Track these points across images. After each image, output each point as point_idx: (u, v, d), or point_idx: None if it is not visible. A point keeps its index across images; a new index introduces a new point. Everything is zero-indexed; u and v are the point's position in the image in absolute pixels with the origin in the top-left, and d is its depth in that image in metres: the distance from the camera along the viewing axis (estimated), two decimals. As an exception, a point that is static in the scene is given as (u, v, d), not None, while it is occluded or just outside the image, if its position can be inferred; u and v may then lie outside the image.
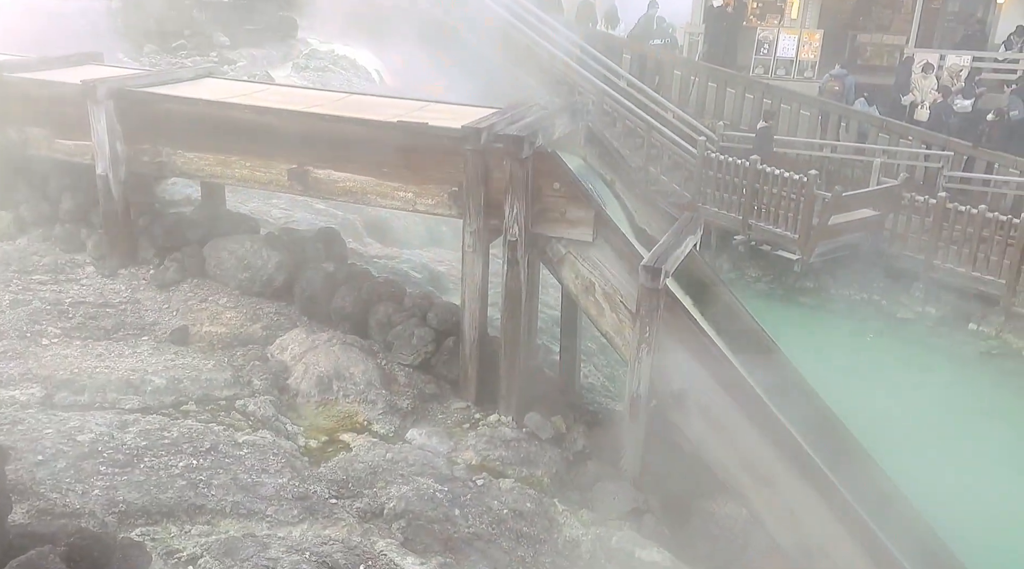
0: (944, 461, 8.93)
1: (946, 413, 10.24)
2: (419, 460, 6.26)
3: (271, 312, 7.76)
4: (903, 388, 10.63)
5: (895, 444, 8.57)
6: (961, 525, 7.65)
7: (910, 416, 9.84)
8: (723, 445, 6.62)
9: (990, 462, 8.98)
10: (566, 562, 5.86)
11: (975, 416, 10.39)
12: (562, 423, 7.32)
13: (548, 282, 10.05)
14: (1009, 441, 9.67)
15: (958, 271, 13.04)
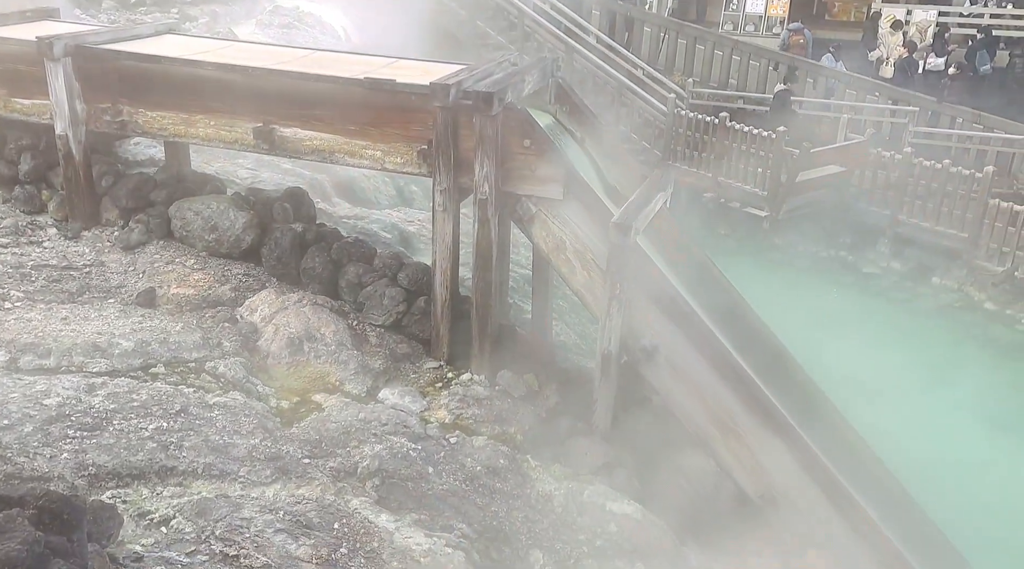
0: (907, 411, 9.14)
1: (909, 365, 10.45)
2: (392, 419, 6.28)
3: (239, 273, 7.67)
4: (867, 342, 10.83)
5: (860, 396, 8.75)
6: (923, 473, 7.86)
7: (874, 369, 10.03)
8: (692, 399, 6.72)
9: (951, 412, 9.21)
10: (539, 516, 5.94)
11: (937, 368, 10.63)
12: (535, 381, 7.37)
13: (519, 241, 10.06)
14: (969, 392, 9.91)
15: (922, 226, 13.24)
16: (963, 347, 11.22)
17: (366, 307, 7.51)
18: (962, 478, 8.26)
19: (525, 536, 5.74)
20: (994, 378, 10.34)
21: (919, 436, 8.35)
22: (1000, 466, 8.45)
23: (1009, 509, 8.02)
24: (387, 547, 4.95)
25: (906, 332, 11.58)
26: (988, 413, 9.11)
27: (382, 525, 5.14)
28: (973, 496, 8.15)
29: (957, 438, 8.43)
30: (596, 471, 6.71)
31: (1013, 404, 9.51)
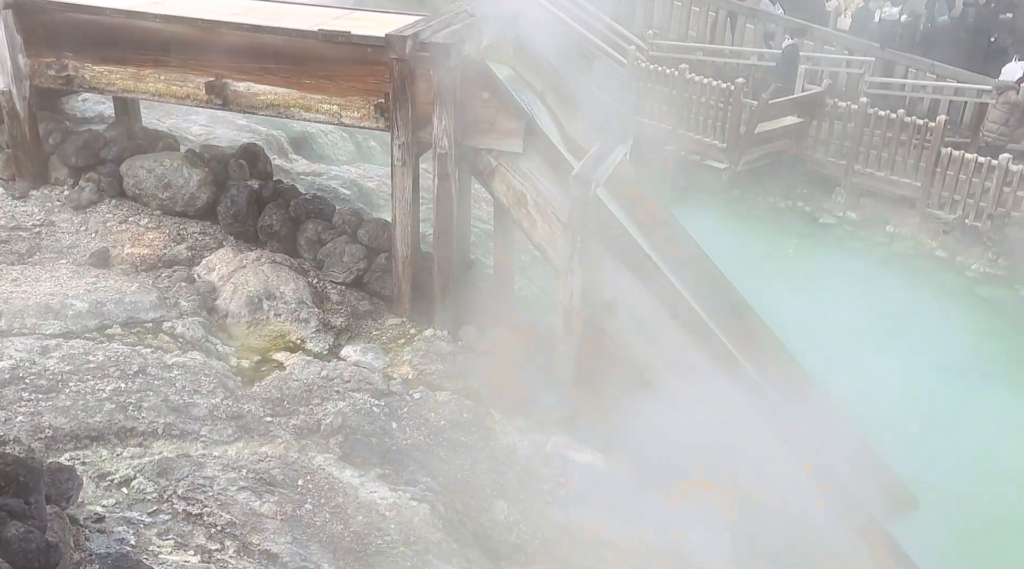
0: (861, 357, 9.37)
1: (863, 313, 10.68)
2: (355, 376, 6.27)
3: (196, 232, 7.54)
4: (824, 291, 11.03)
5: (816, 343, 8.92)
6: (876, 415, 8.09)
7: (830, 317, 10.24)
8: (653, 350, 6.80)
9: (904, 357, 9.45)
10: (503, 468, 6.01)
11: (890, 315, 10.87)
12: (497, 335, 7.39)
13: (481, 196, 10.01)
14: (921, 337, 10.18)
15: (877, 175, 13.42)
16: (915, 294, 11.47)
17: (326, 264, 7.44)
18: (915, 420, 8.52)
19: (490, 488, 5.80)
20: (944, 323, 10.62)
21: (873, 381, 8.57)
22: (950, 407, 8.72)
23: (956, 448, 8.30)
24: (352, 502, 4.98)
25: (861, 280, 11.79)
26: (939, 357, 9.38)
27: (347, 481, 5.16)
28: (927, 438, 8.41)
29: (909, 382, 8.67)
30: (559, 422, 6.79)
31: (962, 347, 9.81)
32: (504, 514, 5.66)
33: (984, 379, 9.28)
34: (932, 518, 7.28)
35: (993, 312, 11.34)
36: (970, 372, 9.27)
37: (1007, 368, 9.41)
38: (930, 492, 7.49)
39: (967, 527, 7.59)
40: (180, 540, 4.17)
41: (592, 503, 6.05)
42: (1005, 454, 8.44)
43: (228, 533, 4.36)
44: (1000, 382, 9.31)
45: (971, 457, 8.33)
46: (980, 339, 10.06)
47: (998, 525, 7.86)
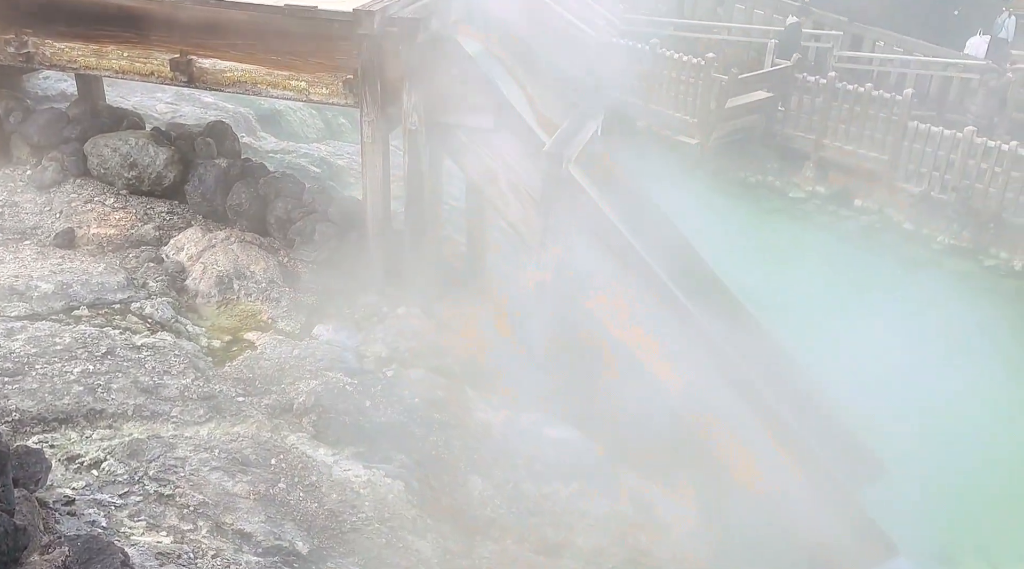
0: (830, 329, 9.50)
1: (833, 285, 10.82)
2: (327, 355, 6.25)
3: (163, 211, 7.44)
4: (793, 265, 11.15)
5: (787, 316, 9.03)
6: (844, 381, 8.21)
7: (800, 290, 10.36)
8: (625, 325, 6.84)
9: (872, 328, 9.60)
10: (478, 444, 6.04)
11: (858, 287, 11.01)
12: (471, 313, 7.40)
13: (453, 173, 9.96)
14: (888, 308, 10.33)
15: (846, 149, 13.55)
16: (883, 266, 11.63)
17: (297, 243, 7.38)
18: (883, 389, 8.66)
19: (464, 464, 5.83)
20: (910, 294, 10.77)
21: (840, 351, 8.70)
22: (916, 376, 8.88)
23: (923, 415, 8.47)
24: (326, 480, 4.98)
25: (830, 254, 11.94)
26: (905, 327, 9.54)
27: (320, 459, 5.16)
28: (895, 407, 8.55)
29: (876, 352, 8.81)
30: (534, 399, 6.82)
31: (928, 318, 9.97)
32: (479, 489, 5.70)
33: (949, 348, 9.46)
34: (899, 485, 7.42)
35: (959, 283, 11.52)
36: (936, 341, 9.44)
37: (971, 337, 9.59)
38: (897, 459, 7.62)
39: (933, 494, 7.76)
40: (152, 521, 4.16)
41: (565, 476, 6.11)
42: (968, 419, 8.63)
43: (201, 513, 4.35)
44: (965, 350, 9.50)
45: (936, 423, 8.51)
46: (946, 309, 10.23)
47: (963, 491, 8.05)
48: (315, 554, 4.46)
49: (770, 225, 12.67)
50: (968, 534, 7.80)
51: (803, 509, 6.44)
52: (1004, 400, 8.99)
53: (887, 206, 13.18)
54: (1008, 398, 8.96)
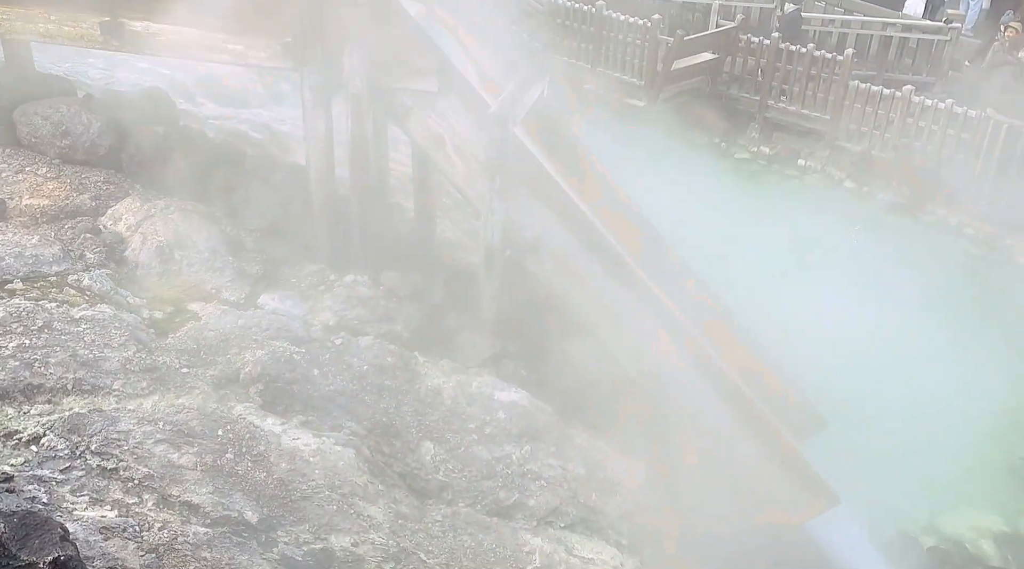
0: (776, 287, 9.69)
1: (777, 246, 10.99)
2: (273, 324, 6.17)
3: (99, 181, 7.21)
4: (739, 225, 11.28)
5: (733, 275, 9.17)
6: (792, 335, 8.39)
7: (746, 250, 10.52)
8: (575, 288, 6.87)
9: (816, 285, 9.81)
10: (429, 409, 6.04)
11: (803, 246, 11.21)
12: (420, 279, 7.36)
13: (399, 138, 9.83)
14: (832, 266, 10.56)
15: (789, 109, 13.70)
16: (826, 225, 11.84)
17: (239, 211, 7.24)
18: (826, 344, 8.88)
19: (416, 429, 5.84)
20: (853, 251, 11.02)
21: (785, 308, 8.87)
22: (858, 330, 9.12)
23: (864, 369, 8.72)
24: (274, 450, 4.94)
25: (775, 214, 12.10)
26: (849, 284, 9.77)
27: (268, 429, 5.11)
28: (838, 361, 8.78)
29: (819, 308, 9.01)
30: (484, 363, 6.84)
31: (870, 274, 10.22)
32: (430, 454, 5.72)
33: (890, 303, 9.72)
34: (840, 438, 7.63)
35: (899, 239, 11.81)
36: (877, 297, 9.69)
37: (911, 291, 9.86)
38: (839, 412, 7.84)
39: (874, 446, 8.01)
40: (95, 496, 4.09)
41: (517, 439, 6.16)
42: (908, 373, 8.90)
43: (146, 486, 4.29)
44: (905, 305, 9.76)
45: (877, 377, 8.76)
46: (887, 265, 10.49)
47: (905, 442, 8.33)
48: (265, 523, 4.44)
49: (716, 186, 12.75)
50: (907, 482, 8.08)
51: (749, 463, 6.60)
52: (941, 353, 9.28)
53: (829, 165, 13.39)
54: (943, 351, 9.25)
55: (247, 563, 4.11)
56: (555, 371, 6.95)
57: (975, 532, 7.99)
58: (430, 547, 5.00)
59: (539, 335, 7.26)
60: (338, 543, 4.59)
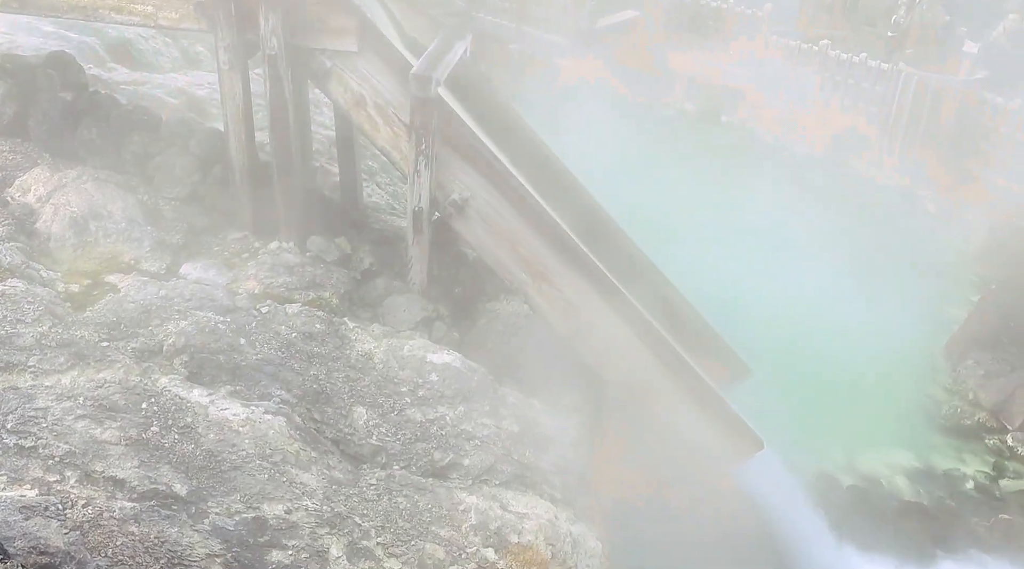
0: (700, 241, 9.89)
1: (701, 201, 11.19)
2: (196, 294, 6.03)
3: (4, 151, 6.92)
4: (665, 182, 11.43)
5: (660, 232, 9.30)
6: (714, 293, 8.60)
7: (671, 207, 10.67)
8: (504, 249, 6.88)
9: (739, 238, 10.05)
10: (360, 375, 6.01)
11: (726, 201, 11.43)
12: (347, 244, 7.27)
13: (321, 100, 9.63)
14: (754, 219, 10.81)
15: (711, 67, 13.85)
16: (748, 178, 12.08)
17: (157, 179, 7.03)
18: (747, 296, 9.12)
19: (347, 395, 5.81)
20: (773, 201, 11.28)
21: (709, 261, 9.07)
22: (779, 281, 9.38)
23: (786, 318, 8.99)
24: (202, 421, 4.87)
25: (699, 167, 12.30)
26: (770, 236, 10.02)
27: (195, 400, 5.02)
28: (759, 311, 9.04)
29: (742, 260, 9.24)
30: (415, 326, 6.82)
31: (790, 226, 10.50)
32: (363, 419, 5.70)
33: (807, 254, 10.01)
34: (765, 385, 7.88)
35: (816, 192, 12.14)
36: (795, 248, 9.97)
37: (827, 242, 10.17)
38: (762, 360, 8.08)
39: (795, 391, 8.30)
40: (14, 475, 3.97)
41: (451, 400, 6.18)
42: (826, 320, 9.22)
43: (68, 463, 4.18)
44: (821, 255, 10.08)
45: (798, 326, 9.05)
46: (805, 218, 10.77)
47: (822, 387, 8.65)
48: (195, 494, 4.39)
49: (641, 143, 12.87)
50: (825, 425, 8.41)
51: (677, 413, 6.77)
52: (855, 300, 9.63)
53: (751, 121, 13.64)
54: (857, 298, 9.60)
55: (177, 535, 4.07)
56: (486, 331, 6.97)
57: (890, 469, 8.39)
58: (365, 510, 5.01)
59: (470, 297, 7.27)
60: (271, 511, 4.57)
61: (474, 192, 6.78)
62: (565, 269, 6.80)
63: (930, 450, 8.71)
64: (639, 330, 6.77)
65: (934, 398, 9.26)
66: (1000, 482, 8.43)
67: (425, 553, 5.02)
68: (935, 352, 9.71)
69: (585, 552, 5.64)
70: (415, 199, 6.76)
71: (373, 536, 4.88)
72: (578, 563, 5.52)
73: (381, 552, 4.85)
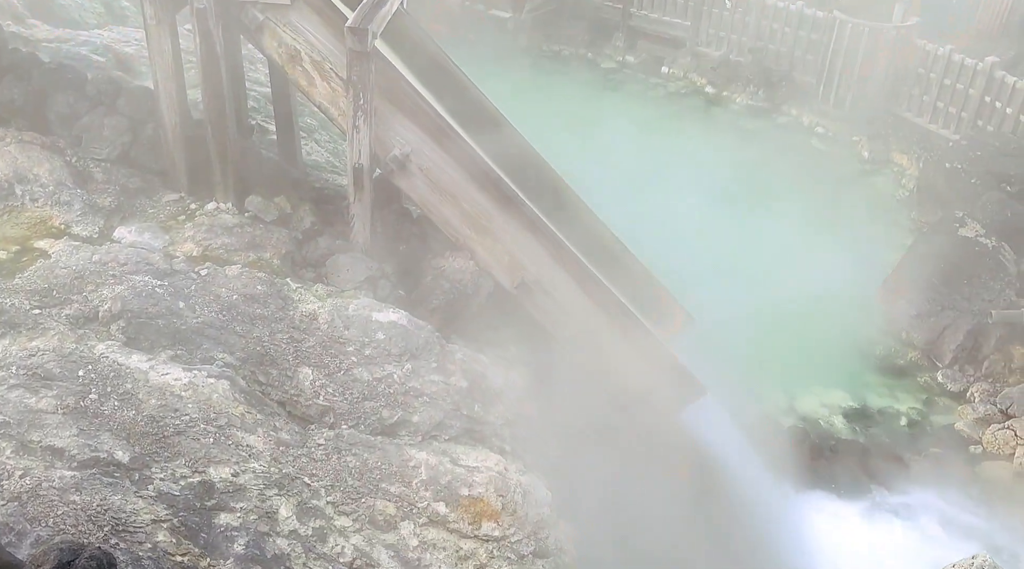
0: (642, 190, 9.97)
1: (644, 151, 11.26)
2: (132, 258, 5.88)
3: (-83, 114, 6.59)
4: (607, 132, 11.46)
5: (602, 181, 9.35)
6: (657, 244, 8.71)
7: (613, 156, 10.72)
8: (447, 204, 6.83)
9: (679, 188, 10.16)
10: (305, 335, 5.96)
11: (667, 149, 11.53)
12: (287, 203, 7.14)
13: (256, 56, 9.36)
14: (694, 169, 10.94)
15: (651, 17, 13.84)
16: (689, 128, 12.19)
17: (85, 140, 6.79)
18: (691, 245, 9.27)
19: (292, 356, 5.76)
20: (713, 155, 11.43)
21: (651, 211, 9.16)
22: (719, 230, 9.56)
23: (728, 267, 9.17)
24: (143, 387, 4.78)
25: (641, 120, 12.34)
26: (709, 185, 10.16)
27: (134, 366, 4.93)
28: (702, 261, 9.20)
29: (683, 210, 9.36)
30: (359, 286, 6.77)
31: (729, 175, 10.66)
32: (309, 380, 5.67)
33: (745, 201, 10.18)
34: (707, 332, 8.05)
35: (754, 141, 12.30)
36: (733, 197, 10.12)
37: (765, 190, 10.35)
38: (703, 307, 8.24)
39: (735, 337, 8.50)
40: (-54, 449, 3.87)
41: (398, 358, 6.18)
42: (764, 267, 9.43)
43: (2, 434, 4.08)
44: (759, 203, 10.26)
45: (736, 272, 9.24)
46: (744, 166, 10.93)
47: (763, 331, 8.88)
48: (138, 461, 4.33)
49: (587, 96, 12.87)
50: (767, 369, 8.65)
51: (622, 362, 6.88)
52: (792, 246, 9.85)
53: (691, 71, 13.68)
54: (794, 244, 9.83)
55: (121, 502, 4.02)
56: (432, 288, 6.96)
57: (827, 409, 8.70)
58: (314, 470, 5.01)
59: (415, 254, 7.23)
60: (218, 474, 4.54)
61: (415, 147, 6.70)
62: (509, 223, 6.79)
63: (866, 389, 9.04)
64: (584, 282, 6.83)
65: (870, 339, 9.58)
66: (931, 418, 8.81)
67: (376, 509, 5.06)
68: (871, 295, 10.02)
69: (535, 501, 5.74)
70: (355, 156, 6.65)
71: (323, 495, 4.89)
72: (528, 512, 5.62)
73: (331, 510, 4.87)
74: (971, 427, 8.58)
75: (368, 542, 4.90)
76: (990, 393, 8.88)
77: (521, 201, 6.81)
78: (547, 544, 5.62)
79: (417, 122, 6.62)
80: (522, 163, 7.74)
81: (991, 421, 8.57)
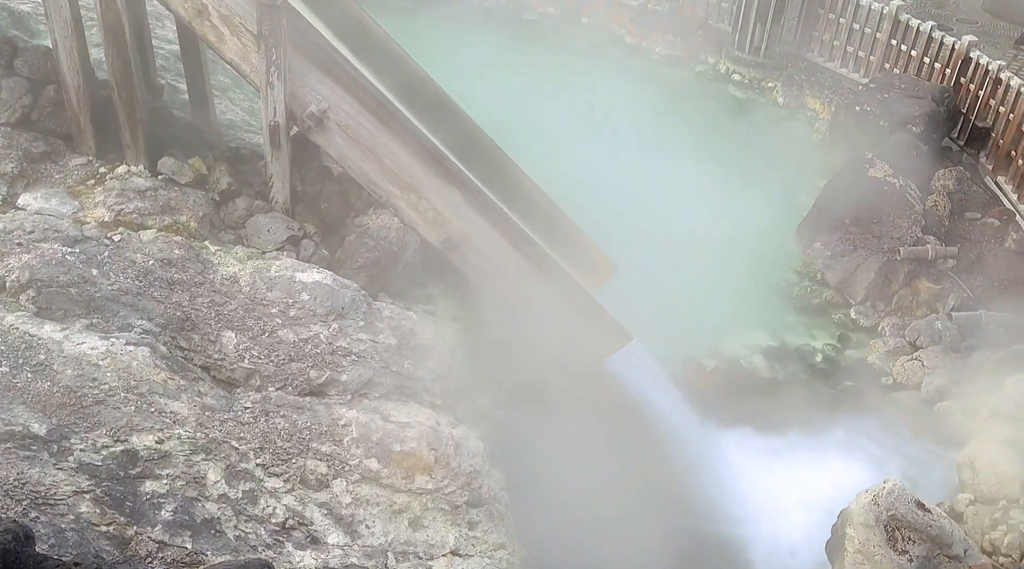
0: (566, 143, 10.02)
1: (566, 102, 11.28)
2: (39, 226, 5.67)
3: None
4: (529, 83, 11.43)
5: (527, 134, 9.35)
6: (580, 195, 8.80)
7: (533, 105, 10.71)
8: (369, 161, 6.75)
9: (602, 140, 10.24)
10: (226, 299, 5.86)
11: (589, 101, 11.57)
12: (201, 164, 6.95)
13: (162, 12, 8.98)
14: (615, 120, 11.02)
15: (572, -33, 13.77)
16: (611, 79, 12.23)
17: (-20, 105, 6.46)
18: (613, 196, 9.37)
19: (214, 320, 5.67)
20: (634, 106, 11.50)
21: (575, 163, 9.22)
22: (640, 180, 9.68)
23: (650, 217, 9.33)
24: (57, 357, 4.66)
25: (563, 71, 12.32)
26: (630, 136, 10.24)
27: (47, 336, 4.79)
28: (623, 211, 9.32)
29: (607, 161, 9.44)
30: (281, 246, 6.67)
31: (648, 125, 10.77)
32: (233, 344, 5.60)
33: (665, 150, 10.32)
34: (632, 279, 8.19)
35: (673, 91, 12.43)
36: (653, 146, 10.24)
37: (683, 138, 10.50)
38: (627, 254, 8.38)
39: (659, 284, 8.69)
40: None
41: (324, 318, 6.14)
42: (684, 213, 9.61)
43: (-92, 412, 3.95)
44: (678, 151, 10.41)
45: (661, 220, 9.41)
46: (663, 115, 11.05)
47: (686, 277, 9.08)
48: (56, 433, 4.24)
49: (510, 47, 12.76)
50: (689, 314, 8.88)
51: (549, 312, 6.97)
52: (711, 191, 10.06)
53: (611, 22, 13.68)
54: (713, 189, 10.04)
55: (39, 475, 3.94)
56: (357, 247, 6.90)
57: (748, 350, 9.00)
58: (242, 434, 4.98)
59: (337, 213, 7.14)
60: (141, 442, 4.48)
61: (332, 103, 6.57)
62: (432, 178, 6.76)
63: (784, 329, 9.38)
64: (510, 236, 6.86)
65: (787, 280, 9.91)
66: (845, 353, 9.21)
67: (307, 469, 5.07)
68: (787, 237, 10.33)
69: (467, 452, 5.83)
70: (270, 113, 6.50)
71: (252, 458, 4.87)
72: (461, 463, 5.70)
73: (261, 473, 4.87)
74: (883, 360, 9.00)
75: (300, 502, 4.92)
76: (899, 327, 9.31)
77: (443, 155, 6.77)
78: (480, 493, 5.72)
79: (333, 77, 6.49)
80: (444, 116, 7.67)
81: (900, 353, 9.00)
